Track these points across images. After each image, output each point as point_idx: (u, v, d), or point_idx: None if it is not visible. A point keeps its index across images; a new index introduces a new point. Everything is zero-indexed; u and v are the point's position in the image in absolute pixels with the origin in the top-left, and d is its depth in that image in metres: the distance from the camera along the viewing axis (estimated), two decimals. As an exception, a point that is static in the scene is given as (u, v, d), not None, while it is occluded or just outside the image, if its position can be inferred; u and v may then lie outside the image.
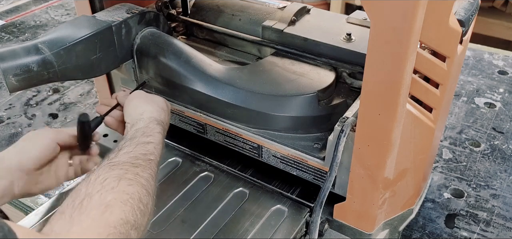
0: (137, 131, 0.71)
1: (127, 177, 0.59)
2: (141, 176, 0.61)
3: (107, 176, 0.58)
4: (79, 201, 0.54)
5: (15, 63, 0.77)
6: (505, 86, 1.38)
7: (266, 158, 0.90)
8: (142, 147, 0.67)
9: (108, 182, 0.57)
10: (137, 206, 0.57)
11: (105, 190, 0.56)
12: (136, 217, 0.56)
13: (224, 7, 1.08)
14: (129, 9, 0.95)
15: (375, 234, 0.85)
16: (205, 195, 0.89)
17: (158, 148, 0.70)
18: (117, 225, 0.53)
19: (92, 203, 0.54)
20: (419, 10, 0.61)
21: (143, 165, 0.64)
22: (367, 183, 0.78)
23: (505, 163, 1.10)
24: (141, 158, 0.65)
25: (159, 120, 0.76)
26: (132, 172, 0.61)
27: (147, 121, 0.74)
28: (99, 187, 0.56)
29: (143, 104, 0.78)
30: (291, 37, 0.96)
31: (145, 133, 0.71)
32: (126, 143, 0.68)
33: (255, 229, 0.82)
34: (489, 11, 2.56)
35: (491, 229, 0.93)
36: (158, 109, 0.78)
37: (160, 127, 0.74)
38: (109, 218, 0.53)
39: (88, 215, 0.53)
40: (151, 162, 0.66)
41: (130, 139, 0.69)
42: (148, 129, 0.72)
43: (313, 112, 0.86)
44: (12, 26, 1.77)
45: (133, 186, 0.59)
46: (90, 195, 0.55)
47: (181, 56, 0.93)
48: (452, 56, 0.71)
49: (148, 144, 0.69)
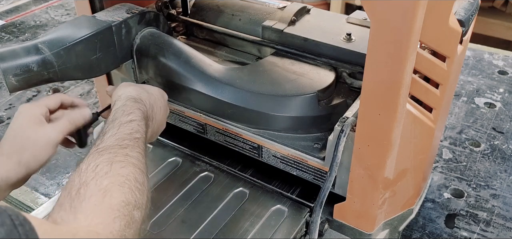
0: (117, 111, 0.70)
1: (118, 160, 0.59)
2: (131, 155, 0.61)
3: (98, 162, 0.57)
4: (75, 191, 0.53)
5: (15, 63, 0.77)
6: (505, 86, 1.38)
7: (266, 158, 0.90)
8: (126, 126, 0.66)
9: (101, 167, 0.57)
10: (134, 185, 0.57)
11: (99, 175, 0.55)
12: (136, 197, 0.56)
13: (224, 7, 1.08)
14: (129, 9, 0.95)
15: (375, 234, 0.85)
16: (205, 195, 0.89)
17: (141, 124, 0.69)
18: (120, 208, 0.53)
19: (89, 191, 0.53)
20: (419, 10, 0.61)
21: (131, 145, 0.63)
22: (367, 183, 0.78)
23: (505, 163, 1.10)
24: (127, 138, 0.64)
25: (138, 98, 0.74)
26: (121, 153, 0.60)
27: (124, 100, 0.73)
28: (93, 174, 0.56)
29: (123, 88, 0.77)
30: (291, 37, 0.96)
31: (125, 112, 0.70)
32: (109, 126, 0.67)
33: (255, 229, 0.82)
34: (489, 11, 2.56)
35: (491, 229, 0.93)
36: (138, 90, 0.76)
37: (138, 103, 0.73)
38: (111, 201, 0.53)
39: (88, 202, 0.52)
40: (138, 140, 0.65)
41: (112, 121, 0.68)
42: (126, 107, 0.71)
43: (313, 112, 0.86)
44: (12, 26, 1.77)
45: (126, 167, 0.58)
46: (85, 183, 0.54)
47: (181, 56, 0.93)
48: (452, 56, 0.71)
49: (130, 122, 0.68)
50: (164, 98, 0.83)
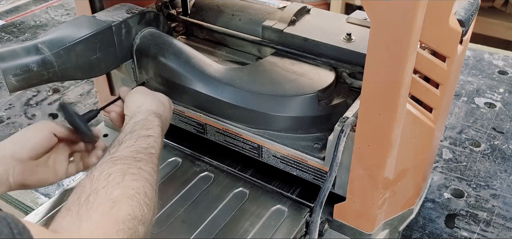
0: (136, 124, 0.71)
1: (131, 172, 0.59)
2: (144, 170, 0.61)
3: (111, 171, 0.58)
4: (85, 197, 0.54)
5: (15, 63, 0.77)
6: (505, 86, 1.38)
7: (266, 158, 0.90)
8: (143, 140, 0.67)
9: (113, 177, 0.57)
10: (143, 200, 0.57)
11: (111, 185, 0.56)
12: (143, 212, 0.56)
13: (224, 7, 1.08)
14: (129, 9, 0.95)
15: (375, 234, 0.85)
16: (205, 195, 0.89)
17: (158, 141, 0.70)
18: (126, 221, 0.53)
19: (98, 199, 0.54)
20: (419, 10, 0.61)
21: (145, 159, 0.64)
22: (367, 183, 0.78)
23: (505, 163, 1.10)
24: (143, 152, 0.65)
25: (158, 113, 0.75)
26: (135, 166, 0.61)
27: (146, 114, 0.74)
28: (105, 182, 0.56)
29: (142, 98, 0.78)
30: (291, 37, 0.96)
31: (145, 126, 0.71)
32: (126, 137, 0.67)
33: (255, 229, 0.82)
34: (489, 11, 2.56)
35: (491, 229, 0.93)
36: (157, 103, 0.78)
37: (158, 119, 0.74)
38: (118, 213, 0.53)
39: (95, 211, 0.52)
40: (152, 155, 0.66)
41: (130, 132, 0.69)
42: (147, 121, 0.72)
43: (313, 112, 0.86)
44: (12, 26, 1.77)
45: (138, 180, 0.59)
46: (96, 191, 0.55)
47: (181, 56, 0.93)
48: (452, 56, 0.71)
49: (148, 137, 0.69)
50: (171, 108, 0.84)
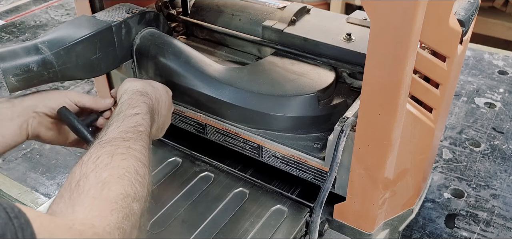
0: (122, 105, 0.71)
1: (119, 152, 0.59)
2: (134, 148, 0.61)
3: (99, 154, 0.58)
4: (75, 183, 0.54)
5: (15, 63, 0.77)
6: (505, 86, 1.38)
7: (266, 158, 0.90)
8: (130, 119, 0.67)
9: (101, 159, 0.57)
10: (135, 178, 0.57)
11: (99, 167, 0.56)
12: (136, 189, 0.56)
13: (224, 7, 1.08)
14: (129, 9, 0.95)
15: (375, 234, 0.85)
16: (205, 195, 0.89)
17: (146, 118, 0.70)
18: (118, 200, 0.53)
19: (88, 183, 0.54)
20: (419, 10, 0.61)
21: (134, 138, 0.64)
22: (367, 183, 0.78)
23: (505, 163, 1.10)
24: (131, 131, 0.65)
25: (143, 91, 0.75)
26: (123, 146, 0.61)
27: (130, 93, 0.74)
28: (93, 166, 0.56)
29: (128, 82, 0.79)
30: (291, 37, 0.96)
31: (130, 105, 0.71)
32: (113, 119, 0.68)
33: (255, 229, 0.82)
34: (489, 11, 2.56)
35: (491, 229, 0.93)
36: (143, 84, 0.78)
37: (144, 97, 0.74)
38: (109, 194, 0.53)
39: (87, 195, 0.53)
40: (141, 133, 0.66)
41: (117, 114, 0.69)
42: (132, 100, 0.72)
43: (313, 112, 0.86)
44: (12, 26, 1.77)
45: (127, 159, 0.59)
46: (85, 175, 0.55)
47: (181, 57, 0.93)
48: (452, 56, 0.71)
49: (135, 115, 0.69)
50: (168, 94, 0.84)
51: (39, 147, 1.19)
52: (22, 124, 0.75)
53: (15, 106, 0.75)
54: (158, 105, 0.78)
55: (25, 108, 0.76)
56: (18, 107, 0.75)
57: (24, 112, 0.75)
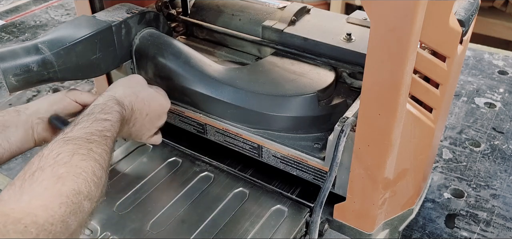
0: (95, 107, 0.72)
1: (80, 152, 0.60)
2: (95, 151, 0.62)
3: (60, 151, 0.59)
4: (30, 173, 0.55)
5: (15, 63, 0.77)
6: (505, 86, 1.38)
7: (266, 158, 0.90)
8: (99, 123, 0.68)
9: (61, 156, 0.58)
10: (91, 178, 0.58)
11: (58, 164, 0.57)
12: (90, 189, 0.57)
13: (224, 7, 1.08)
14: (129, 9, 0.95)
15: (375, 234, 0.85)
16: (205, 195, 0.89)
17: (116, 126, 0.71)
18: (70, 195, 0.54)
19: (43, 175, 0.54)
20: (419, 10, 0.61)
21: (98, 141, 0.64)
22: (367, 183, 0.78)
23: (505, 163, 1.10)
24: (97, 134, 0.65)
25: (120, 100, 0.76)
26: (85, 147, 0.61)
27: (106, 98, 0.75)
28: (52, 161, 0.57)
29: (113, 86, 0.80)
30: (291, 37, 0.96)
31: (103, 110, 0.71)
32: (83, 118, 0.68)
33: (255, 229, 0.82)
34: (489, 11, 2.57)
35: (491, 229, 0.93)
36: (125, 92, 0.79)
37: (119, 106, 0.74)
38: (61, 188, 0.54)
39: (39, 185, 0.53)
40: (106, 138, 0.67)
41: (88, 114, 0.69)
42: (106, 106, 0.72)
43: (313, 112, 0.86)
44: (12, 26, 1.77)
45: (86, 160, 0.59)
46: (42, 168, 0.55)
47: (180, 57, 0.93)
48: (452, 56, 0.71)
49: (105, 121, 0.69)
50: (161, 106, 0.85)
51: (39, 148, 1.18)
52: (28, 130, 0.77)
53: (20, 114, 0.77)
54: (132, 116, 0.79)
55: (29, 115, 0.78)
56: (23, 115, 0.77)
57: (29, 119, 0.77)
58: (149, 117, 0.83)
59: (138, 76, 0.86)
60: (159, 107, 0.85)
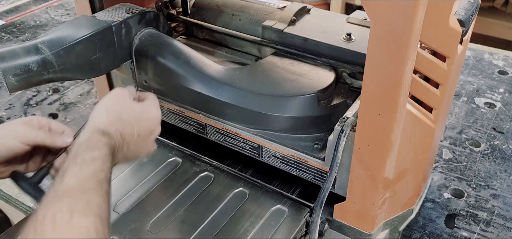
0: (80, 146, 0.64)
1: (78, 208, 0.55)
2: (93, 202, 0.57)
3: (57, 210, 0.53)
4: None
5: (15, 63, 0.77)
6: (505, 86, 1.38)
7: (266, 158, 0.90)
8: (88, 165, 0.61)
9: (60, 217, 0.52)
10: None
11: (59, 227, 0.52)
12: None
13: (224, 7, 1.08)
14: (129, 9, 0.95)
15: (375, 234, 0.85)
16: (205, 195, 0.89)
17: (107, 161, 0.64)
18: None
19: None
20: (419, 10, 0.61)
21: (93, 188, 0.59)
22: (367, 183, 0.78)
23: (505, 163, 1.10)
24: (90, 179, 0.59)
25: (105, 130, 0.67)
26: (83, 200, 0.56)
27: (90, 132, 0.67)
28: (51, 224, 0.52)
29: (95, 112, 0.71)
30: (291, 37, 0.96)
31: (89, 147, 0.64)
32: (70, 163, 0.61)
33: (255, 229, 0.82)
34: (489, 11, 2.57)
35: (491, 229, 0.93)
36: (109, 118, 0.70)
37: (104, 137, 0.66)
38: None
39: None
40: (101, 182, 0.60)
41: (74, 158, 0.62)
42: (91, 142, 0.65)
43: (313, 112, 0.86)
44: (12, 26, 1.77)
45: (87, 216, 0.55)
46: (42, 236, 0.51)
47: (180, 57, 0.93)
48: (452, 56, 0.71)
49: (94, 160, 0.62)
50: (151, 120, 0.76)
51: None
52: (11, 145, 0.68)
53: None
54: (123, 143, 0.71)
55: None
56: None
57: None
58: (142, 137, 0.74)
59: (118, 92, 0.75)
60: (149, 123, 0.76)
